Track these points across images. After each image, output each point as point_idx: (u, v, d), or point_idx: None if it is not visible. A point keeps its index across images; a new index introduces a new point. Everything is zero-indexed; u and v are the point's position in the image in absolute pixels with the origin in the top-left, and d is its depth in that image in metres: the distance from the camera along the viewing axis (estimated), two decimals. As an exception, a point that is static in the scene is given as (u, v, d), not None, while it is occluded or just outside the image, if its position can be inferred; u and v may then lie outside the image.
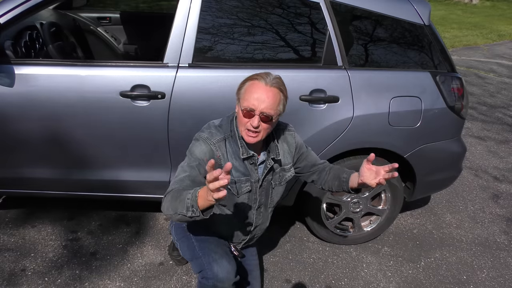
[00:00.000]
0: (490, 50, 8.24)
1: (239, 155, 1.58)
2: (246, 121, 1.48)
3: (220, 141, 1.56)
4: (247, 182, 1.63)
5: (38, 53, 2.63)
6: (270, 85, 1.46)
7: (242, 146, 1.57)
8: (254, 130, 1.48)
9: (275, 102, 1.47)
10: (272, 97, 1.46)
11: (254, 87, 1.46)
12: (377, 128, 2.13)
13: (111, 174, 2.19)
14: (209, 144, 1.54)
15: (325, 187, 1.79)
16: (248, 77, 1.51)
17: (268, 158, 1.65)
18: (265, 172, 1.66)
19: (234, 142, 1.59)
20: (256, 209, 1.72)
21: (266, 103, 1.44)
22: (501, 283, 2.33)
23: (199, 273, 1.67)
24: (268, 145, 1.66)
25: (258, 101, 1.44)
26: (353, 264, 2.38)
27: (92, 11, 3.54)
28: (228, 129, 1.60)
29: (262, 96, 1.44)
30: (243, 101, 1.48)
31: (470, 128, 4.42)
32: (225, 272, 1.60)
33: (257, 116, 1.46)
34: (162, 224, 2.58)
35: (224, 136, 1.58)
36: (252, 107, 1.45)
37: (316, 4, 2.06)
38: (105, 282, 2.11)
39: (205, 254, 1.67)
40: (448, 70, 2.22)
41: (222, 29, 2.03)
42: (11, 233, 2.41)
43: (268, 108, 1.45)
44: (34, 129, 2.04)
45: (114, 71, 1.99)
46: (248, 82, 1.49)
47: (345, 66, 2.09)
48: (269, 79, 1.47)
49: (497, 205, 3.06)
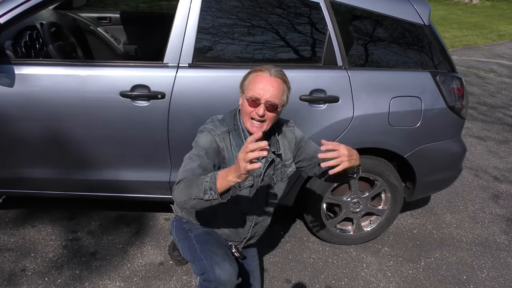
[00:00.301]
0: (490, 50, 8.24)
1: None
2: (251, 110, 1.51)
3: (224, 133, 1.59)
4: (249, 176, 1.63)
5: (38, 53, 2.62)
6: (275, 76, 1.51)
7: (246, 139, 1.59)
8: (259, 119, 1.51)
9: (279, 91, 1.51)
10: (277, 86, 1.50)
11: (259, 78, 1.51)
12: (377, 128, 2.13)
13: (111, 174, 2.19)
14: (214, 135, 1.57)
15: (328, 180, 1.77)
16: (252, 69, 1.56)
17: (269, 151, 1.66)
18: (266, 166, 1.67)
19: (237, 135, 1.62)
20: (257, 205, 1.73)
21: (271, 92, 1.49)
22: (501, 283, 2.33)
23: (201, 276, 1.66)
24: (269, 139, 1.68)
25: (264, 90, 1.48)
26: (353, 264, 2.38)
27: (92, 11, 3.54)
28: (232, 123, 1.62)
29: (267, 85, 1.49)
30: (248, 91, 1.52)
31: (470, 128, 4.42)
32: (227, 275, 1.60)
33: (263, 105, 1.49)
34: (162, 224, 2.58)
35: (228, 129, 1.61)
36: (258, 96, 1.49)
37: (316, 4, 2.06)
38: (105, 282, 2.11)
39: (206, 256, 1.66)
40: (448, 70, 2.22)
41: (222, 29, 2.03)
42: (11, 233, 2.41)
43: (274, 97, 1.49)
44: (34, 129, 2.04)
45: (114, 71, 1.99)
46: (253, 74, 1.54)
47: (345, 66, 2.09)
48: (273, 70, 1.52)
49: (497, 205, 3.06)
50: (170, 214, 2.63)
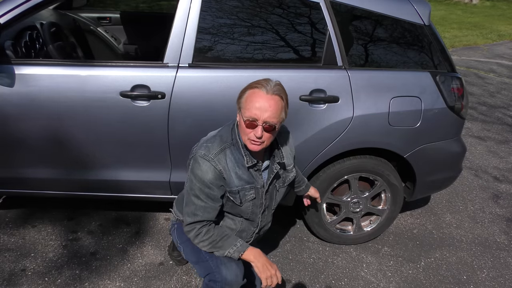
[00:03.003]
0: (490, 50, 8.24)
1: (243, 163, 1.56)
2: (249, 131, 1.45)
3: (218, 153, 1.52)
4: (251, 189, 1.61)
5: (38, 53, 2.62)
6: (272, 93, 1.42)
7: (246, 155, 1.54)
8: (258, 141, 1.46)
9: (277, 110, 1.43)
10: (274, 105, 1.42)
11: (255, 96, 1.42)
12: (377, 128, 2.13)
13: (111, 174, 2.19)
14: (208, 160, 1.51)
15: (295, 190, 2.04)
16: (248, 85, 1.47)
17: (273, 162, 1.63)
18: (271, 177, 1.64)
19: (236, 150, 1.55)
20: (261, 213, 1.72)
21: (269, 112, 1.41)
22: (501, 283, 2.33)
23: (206, 276, 1.65)
24: (272, 149, 1.64)
25: (261, 110, 1.40)
26: (353, 264, 2.38)
27: (92, 11, 3.54)
28: (229, 138, 1.56)
29: (264, 105, 1.41)
30: (244, 110, 1.44)
31: (470, 128, 4.42)
32: (233, 275, 1.60)
33: (260, 126, 1.42)
34: (162, 224, 2.58)
35: (224, 146, 1.54)
36: (255, 117, 1.41)
37: (316, 4, 2.06)
38: (105, 282, 2.11)
39: (212, 257, 1.65)
40: (448, 70, 2.22)
41: (222, 29, 2.03)
42: (11, 233, 2.41)
43: (271, 117, 1.42)
44: (34, 129, 2.04)
45: (114, 71, 1.99)
46: (248, 91, 1.45)
47: (345, 66, 2.09)
48: (270, 86, 1.43)
49: (497, 205, 3.06)
50: (170, 214, 2.63)
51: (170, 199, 2.31)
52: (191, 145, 1.92)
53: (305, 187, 2.05)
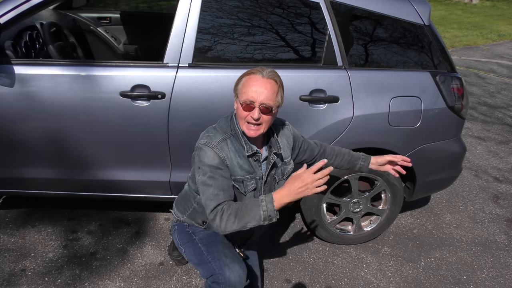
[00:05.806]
0: (490, 50, 8.24)
1: (243, 153, 1.59)
2: (246, 114, 1.50)
3: (220, 142, 1.56)
4: (252, 179, 1.63)
5: (38, 53, 2.62)
6: (267, 77, 1.49)
7: (246, 144, 1.58)
8: (255, 123, 1.50)
9: (273, 92, 1.49)
10: (270, 88, 1.49)
11: (251, 80, 1.49)
12: (377, 128, 2.13)
13: (111, 174, 2.19)
14: (211, 147, 1.54)
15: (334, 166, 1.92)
16: (244, 73, 1.54)
17: (270, 153, 1.66)
18: (268, 168, 1.67)
19: (236, 140, 1.59)
20: None
21: (265, 94, 1.47)
22: (501, 283, 2.33)
23: (209, 278, 1.65)
24: (269, 140, 1.67)
25: (257, 93, 1.47)
26: (353, 264, 2.38)
27: (92, 11, 3.54)
28: (228, 128, 1.60)
29: (260, 88, 1.47)
30: (242, 95, 1.50)
31: (470, 128, 4.42)
32: (237, 276, 1.60)
33: (257, 108, 1.48)
34: (162, 224, 2.58)
35: (224, 136, 1.57)
36: (252, 99, 1.47)
37: (316, 4, 2.06)
38: (105, 282, 2.11)
39: (215, 258, 1.65)
40: (448, 70, 2.22)
41: (222, 29, 2.04)
42: (11, 233, 2.41)
43: (268, 99, 1.47)
44: (34, 129, 2.04)
45: (114, 71, 1.99)
46: (245, 77, 1.52)
47: (345, 66, 2.09)
48: (265, 72, 1.51)
49: (497, 205, 3.06)
50: (170, 214, 2.63)
51: (170, 199, 2.31)
52: (191, 145, 1.93)
53: (365, 162, 1.89)
